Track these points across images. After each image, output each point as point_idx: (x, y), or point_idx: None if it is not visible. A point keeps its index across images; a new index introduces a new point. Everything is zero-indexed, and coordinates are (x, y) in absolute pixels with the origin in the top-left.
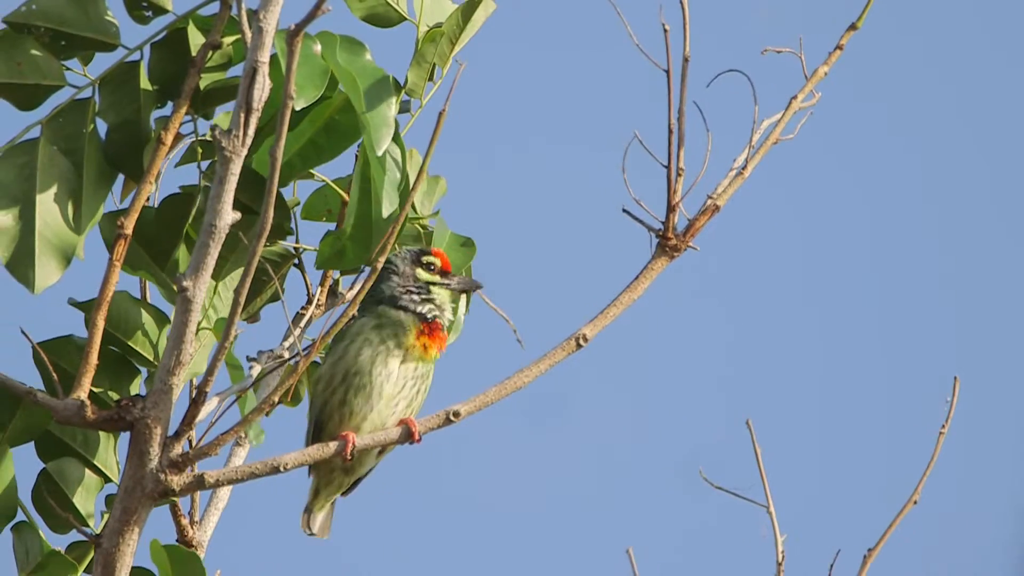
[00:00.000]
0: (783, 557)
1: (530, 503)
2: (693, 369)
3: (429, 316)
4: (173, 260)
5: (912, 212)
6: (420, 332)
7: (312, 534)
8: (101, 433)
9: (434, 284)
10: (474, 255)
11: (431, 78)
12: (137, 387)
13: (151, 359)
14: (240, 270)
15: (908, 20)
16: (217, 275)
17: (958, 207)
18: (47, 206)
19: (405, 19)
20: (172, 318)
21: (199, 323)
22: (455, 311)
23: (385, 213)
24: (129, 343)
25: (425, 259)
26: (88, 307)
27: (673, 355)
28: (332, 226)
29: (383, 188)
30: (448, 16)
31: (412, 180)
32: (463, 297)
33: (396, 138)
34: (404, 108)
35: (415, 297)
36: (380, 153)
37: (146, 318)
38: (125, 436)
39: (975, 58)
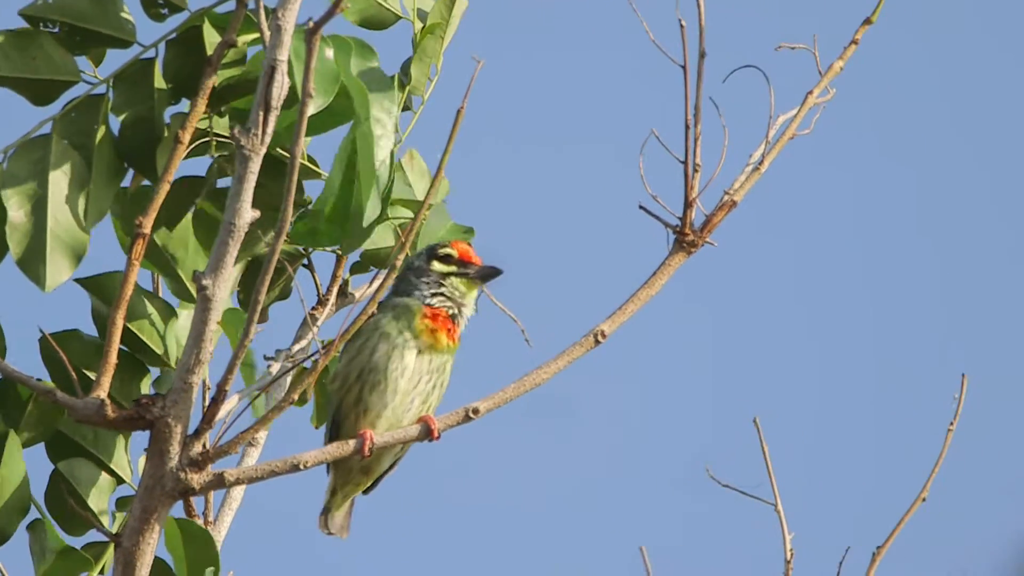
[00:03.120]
0: (792, 555)
1: (535, 502)
2: (701, 367)
3: (436, 305)
4: (182, 252)
5: (924, 208)
6: (424, 316)
7: (331, 533)
8: (112, 433)
9: (450, 275)
10: (472, 238)
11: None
12: (147, 387)
13: (159, 352)
14: (240, 265)
15: (923, 14)
16: None
17: (972, 204)
18: (59, 202)
19: (400, 18)
20: (181, 313)
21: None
22: (475, 303)
23: (367, 220)
24: (135, 332)
25: (441, 251)
26: (92, 284)
27: (681, 352)
28: None
29: (369, 196)
30: (431, 10)
31: (413, 180)
32: (482, 287)
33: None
34: (406, 106)
35: (425, 290)
36: (379, 164)
37: (152, 311)
38: (136, 436)
39: (995, 54)
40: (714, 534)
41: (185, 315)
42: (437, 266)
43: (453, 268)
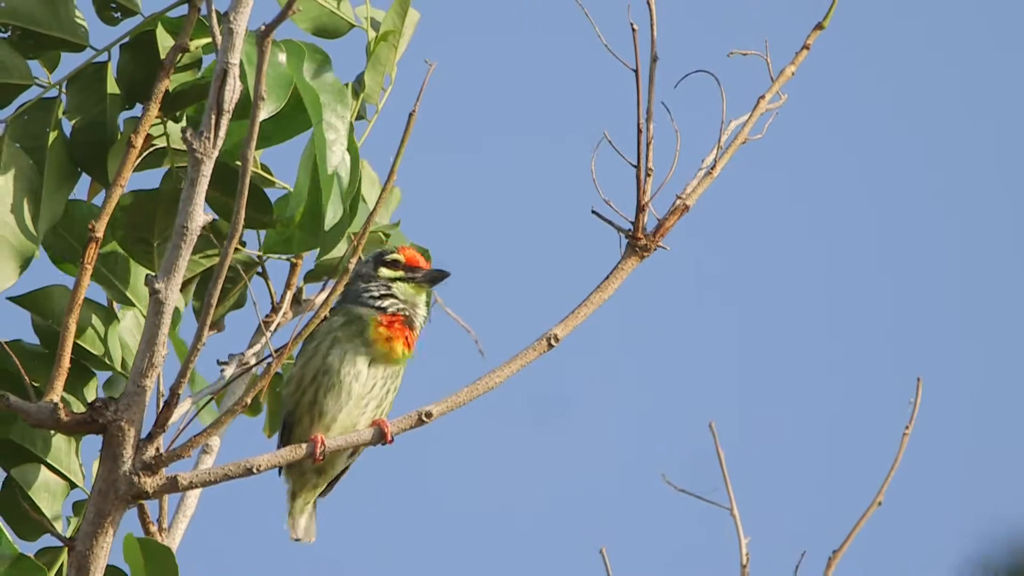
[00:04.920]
0: (748, 559)
1: (533, 503)
2: (695, 370)
3: (389, 309)
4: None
5: (877, 212)
6: (379, 324)
7: (297, 539)
8: (62, 437)
9: (397, 280)
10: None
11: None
12: (93, 391)
13: (99, 355)
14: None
15: (874, 19)
16: None
17: (923, 208)
18: (6, 205)
19: (353, 27)
20: (125, 315)
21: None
22: (427, 306)
23: (329, 223)
24: (79, 342)
25: (388, 257)
26: (27, 302)
27: (678, 356)
28: None
29: (329, 199)
30: (384, 18)
31: (363, 190)
32: (431, 289)
33: (350, 145)
34: (360, 115)
35: (375, 294)
36: (330, 171)
37: (93, 316)
38: (88, 440)
39: (945, 56)
40: (671, 538)
41: (131, 315)
42: (384, 272)
43: (400, 273)
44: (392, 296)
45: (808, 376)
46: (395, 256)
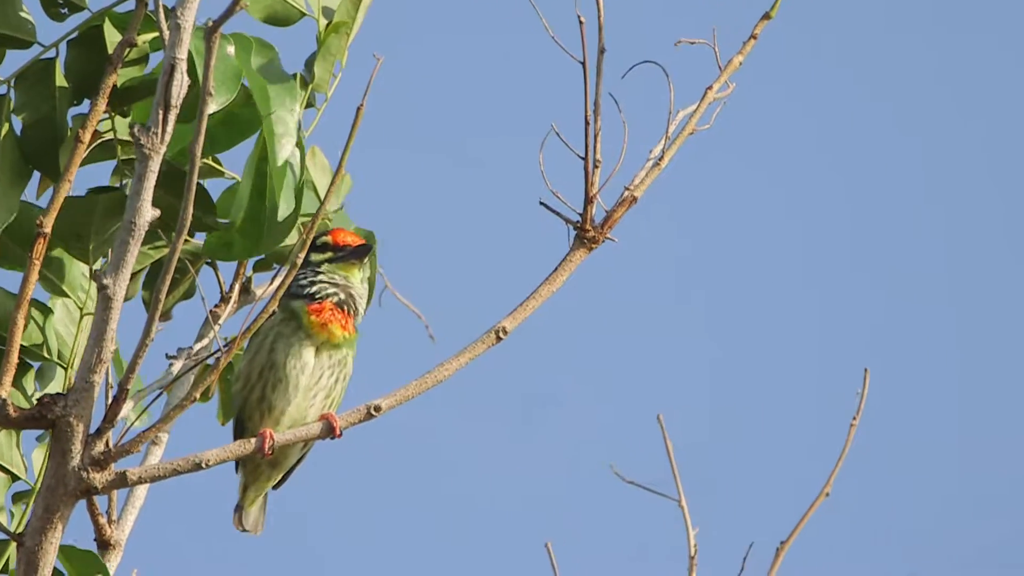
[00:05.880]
0: (696, 550)
1: (517, 502)
2: (675, 370)
3: (317, 296)
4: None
5: (825, 201)
6: (309, 313)
7: (245, 531)
8: (2, 431)
9: (325, 262)
10: (375, 245)
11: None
12: (32, 382)
13: (39, 349)
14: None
15: (821, 8)
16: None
17: (874, 192)
18: None
19: (305, 15)
20: (55, 306)
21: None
22: (365, 282)
23: (281, 216)
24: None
25: (318, 241)
26: None
27: (660, 356)
28: None
29: (281, 192)
30: (338, 8)
31: (315, 177)
32: (364, 264)
33: (297, 140)
34: (309, 103)
35: (303, 282)
36: (281, 163)
37: (32, 311)
38: (27, 433)
39: (892, 46)
40: (621, 530)
41: (60, 305)
42: (315, 256)
43: (329, 255)
44: (320, 282)
45: (757, 367)
46: (323, 239)
